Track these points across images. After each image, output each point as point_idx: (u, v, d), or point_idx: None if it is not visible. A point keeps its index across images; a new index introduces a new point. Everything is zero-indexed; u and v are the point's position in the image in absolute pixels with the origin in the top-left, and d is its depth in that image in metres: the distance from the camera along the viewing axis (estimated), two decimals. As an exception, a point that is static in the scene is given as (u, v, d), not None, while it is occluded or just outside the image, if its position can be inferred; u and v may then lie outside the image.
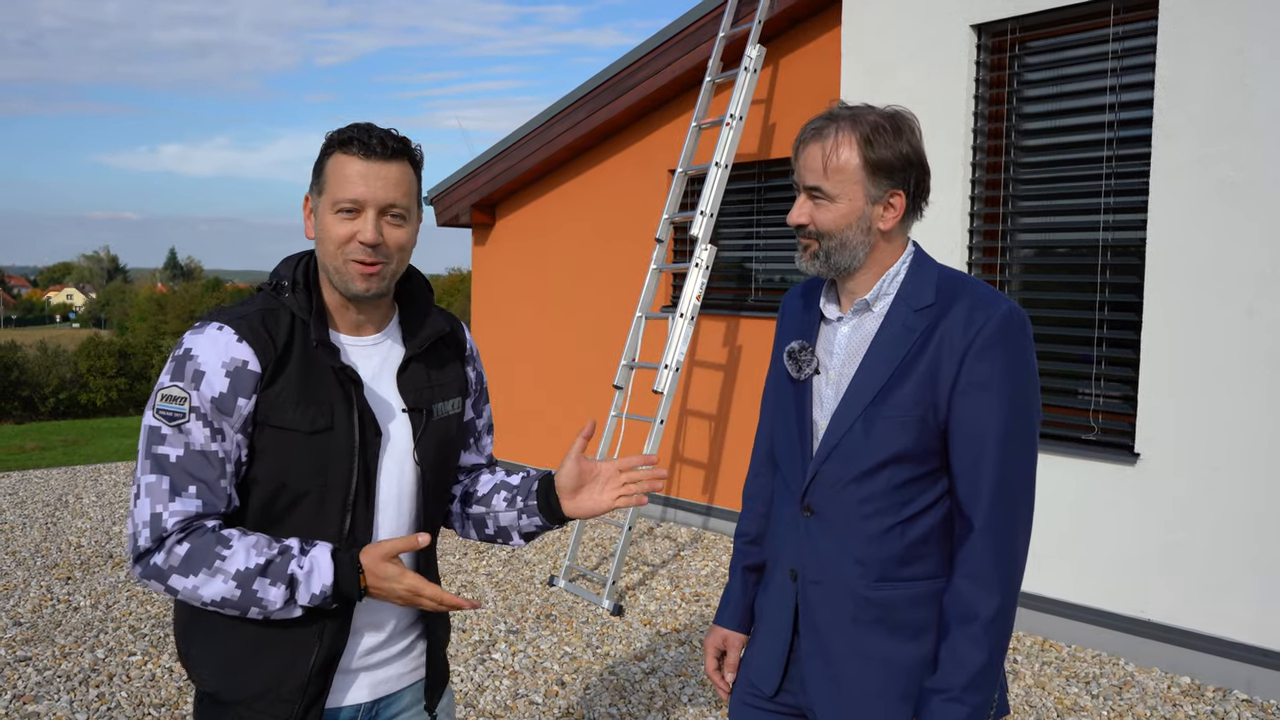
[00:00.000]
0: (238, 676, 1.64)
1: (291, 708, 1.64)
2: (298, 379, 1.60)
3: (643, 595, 5.30)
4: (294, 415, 1.59)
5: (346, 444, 1.62)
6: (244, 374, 1.57)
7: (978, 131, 4.87)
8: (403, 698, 1.80)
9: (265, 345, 1.59)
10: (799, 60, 6.11)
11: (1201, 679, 4.17)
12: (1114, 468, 4.42)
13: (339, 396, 1.63)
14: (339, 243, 1.60)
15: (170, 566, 1.56)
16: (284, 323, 1.62)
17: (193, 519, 1.57)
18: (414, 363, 1.74)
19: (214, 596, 1.55)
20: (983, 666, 1.63)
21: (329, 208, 1.61)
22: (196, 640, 1.68)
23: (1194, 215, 4.17)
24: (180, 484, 1.56)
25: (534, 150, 7.51)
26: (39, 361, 43.15)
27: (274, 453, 1.60)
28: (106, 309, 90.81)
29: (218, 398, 1.56)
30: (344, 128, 1.65)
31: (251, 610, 1.57)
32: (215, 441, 1.57)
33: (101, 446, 15.27)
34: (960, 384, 1.67)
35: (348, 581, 1.57)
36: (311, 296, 1.65)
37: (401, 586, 1.56)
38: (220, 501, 1.59)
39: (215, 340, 1.58)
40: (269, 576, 1.55)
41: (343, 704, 1.72)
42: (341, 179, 1.59)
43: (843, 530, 1.74)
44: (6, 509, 6.93)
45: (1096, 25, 4.52)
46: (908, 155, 1.70)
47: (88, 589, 5.19)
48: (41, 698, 3.87)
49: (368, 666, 1.74)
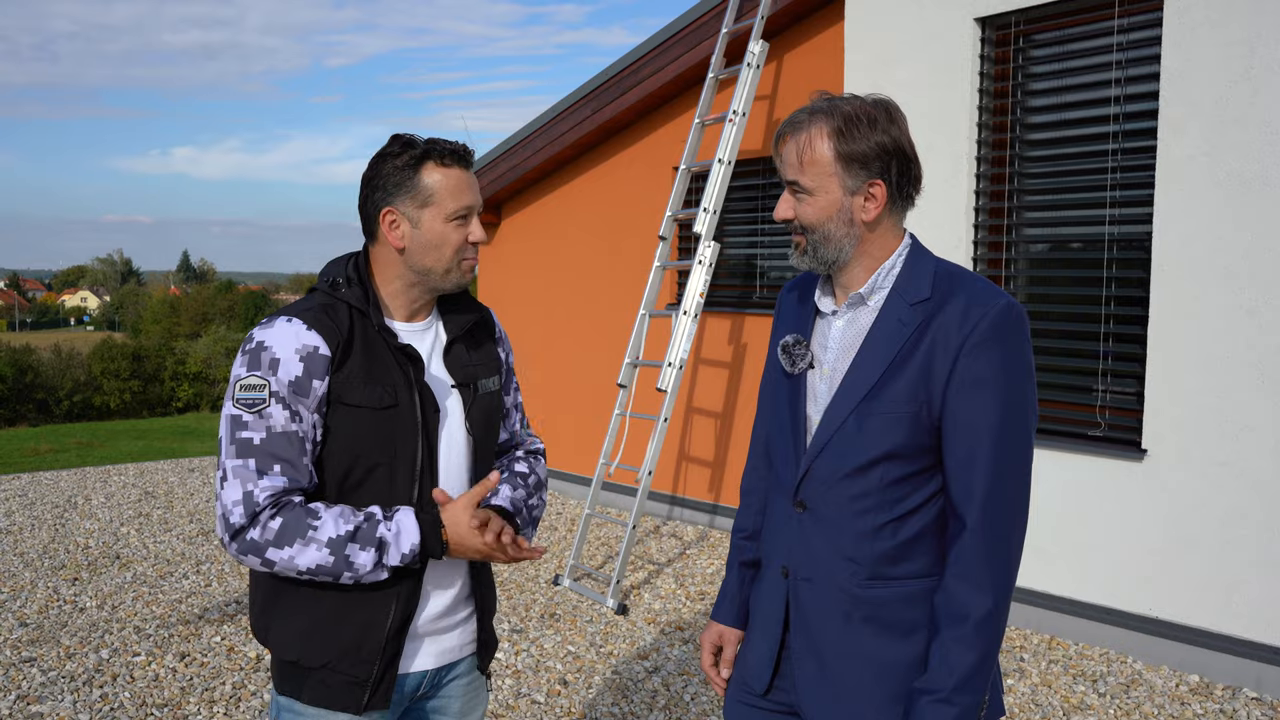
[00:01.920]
0: (319, 642, 1.78)
1: (370, 668, 1.79)
2: (363, 362, 1.77)
3: (647, 594, 5.28)
4: (363, 394, 1.75)
5: (411, 419, 1.78)
6: (316, 358, 1.73)
7: (982, 125, 4.84)
8: (459, 666, 1.96)
9: (332, 332, 1.75)
10: (802, 56, 6.08)
11: (1210, 677, 4.13)
12: (1121, 464, 4.37)
13: (400, 378, 1.79)
14: (457, 246, 1.81)
15: (266, 540, 1.69)
16: (343, 314, 1.78)
17: (280, 494, 1.71)
18: (456, 344, 1.92)
19: (309, 564, 1.69)
20: (973, 667, 1.61)
21: (440, 218, 1.79)
22: (278, 615, 1.81)
23: (1201, 208, 4.12)
24: (265, 464, 1.70)
25: (539, 149, 7.50)
26: (53, 364, 43.39)
27: (348, 430, 1.75)
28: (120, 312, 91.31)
29: (294, 381, 1.71)
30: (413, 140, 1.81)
31: (344, 575, 1.70)
32: (294, 423, 1.72)
33: (115, 449, 15.35)
34: (955, 380, 1.64)
35: (432, 538, 1.72)
36: (367, 289, 1.81)
37: (479, 540, 1.72)
38: (303, 478, 1.73)
39: (286, 331, 1.74)
40: (359, 541, 1.69)
41: (411, 670, 1.87)
42: (451, 190, 1.79)
43: (835, 527, 1.71)
44: (16, 510, 6.96)
45: (1101, 17, 4.48)
46: (884, 145, 1.67)
47: (94, 590, 5.20)
48: (45, 698, 3.88)
49: (433, 632, 1.89)
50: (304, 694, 1.81)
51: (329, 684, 1.79)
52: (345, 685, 1.79)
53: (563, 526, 6.69)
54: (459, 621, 1.94)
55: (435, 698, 1.96)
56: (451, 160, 1.80)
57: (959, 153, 4.84)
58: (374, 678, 1.79)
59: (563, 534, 6.49)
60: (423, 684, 1.91)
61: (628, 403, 5.68)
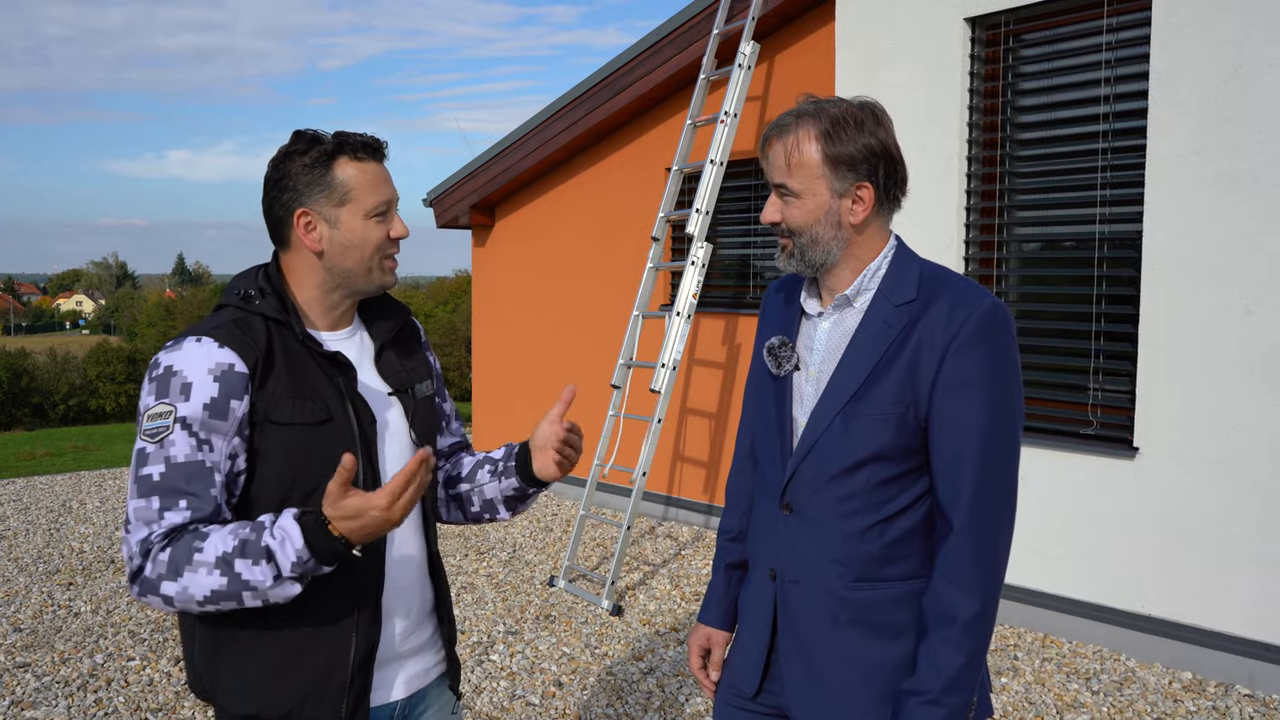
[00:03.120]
0: (278, 689, 1.64)
1: (338, 708, 1.64)
2: (288, 376, 1.63)
3: (642, 595, 5.29)
4: (292, 410, 1.62)
5: (347, 433, 1.66)
6: (232, 376, 1.59)
7: (973, 125, 4.85)
8: (427, 695, 1.86)
9: (247, 347, 1.61)
10: (793, 57, 6.09)
11: (1203, 674, 4.14)
12: (1113, 462, 4.39)
13: (330, 390, 1.67)
14: (377, 244, 1.70)
15: (159, 575, 1.54)
16: (258, 328, 1.65)
17: (178, 529, 1.56)
18: (387, 349, 1.82)
19: (204, 592, 1.53)
20: (961, 669, 1.61)
21: (360, 214, 1.68)
22: (226, 664, 1.66)
23: (1190, 207, 4.14)
24: (168, 500, 1.56)
25: (532, 150, 7.50)
26: (49, 368, 43.32)
27: (280, 451, 1.62)
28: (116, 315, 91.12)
29: (209, 404, 1.57)
30: (330, 137, 1.69)
31: (245, 596, 1.53)
32: (201, 451, 1.57)
33: (111, 452, 15.30)
34: (941, 382, 1.64)
35: (317, 536, 1.51)
36: (283, 298, 1.69)
37: (373, 509, 1.49)
38: (208, 509, 1.58)
39: (195, 351, 1.60)
40: (248, 556, 1.51)
41: (381, 702, 1.75)
42: (369, 185, 1.68)
43: (821, 529, 1.72)
44: (10, 515, 6.95)
45: (1090, 17, 4.49)
46: (871, 147, 1.68)
47: (89, 594, 5.20)
48: (40, 703, 3.87)
49: (401, 656, 1.77)
50: None
51: None
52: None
53: (558, 527, 6.70)
54: (426, 641, 1.84)
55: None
56: (365, 154, 1.68)
57: (950, 152, 4.85)
58: (344, 717, 1.65)
59: (558, 535, 6.49)
60: (394, 716, 1.79)
61: (622, 404, 5.68)
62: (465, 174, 8.09)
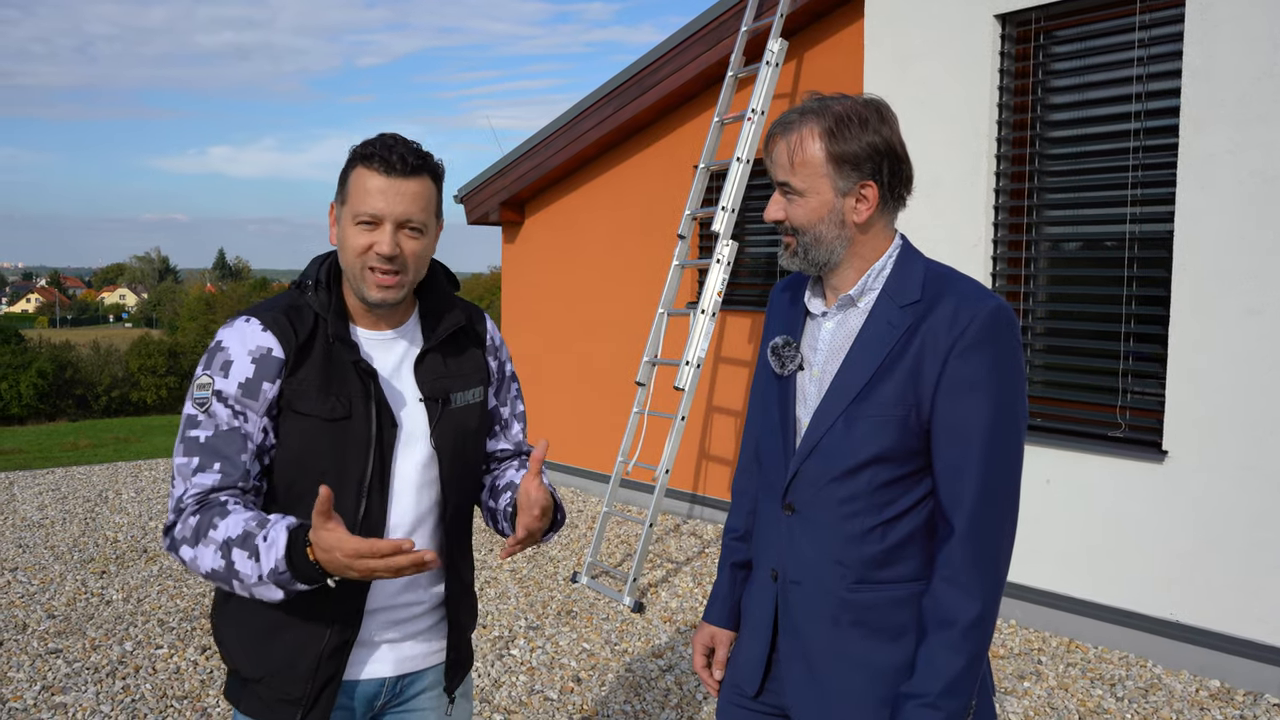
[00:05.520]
0: (256, 654, 1.74)
1: (305, 686, 1.72)
2: (320, 370, 1.70)
3: (664, 592, 5.29)
4: (315, 403, 1.68)
5: (364, 433, 1.70)
6: (269, 360, 1.68)
7: (1002, 123, 4.79)
8: (425, 677, 1.86)
9: (288, 334, 1.69)
10: (822, 54, 6.06)
11: (1231, 682, 4.07)
12: (1142, 465, 4.32)
13: (358, 389, 1.71)
14: (357, 252, 1.70)
15: (183, 537, 1.64)
16: (307, 318, 1.73)
17: (208, 492, 1.65)
18: (431, 354, 1.81)
19: (208, 568, 1.60)
20: (960, 672, 1.60)
21: (350, 218, 1.70)
22: (224, 618, 1.78)
23: (1223, 207, 4.06)
24: (205, 462, 1.65)
25: (561, 148, 7.53)
26: (92, 360, 44.14)
27: (295, 438, 1.69)
28: (157, 309, 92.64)
29: (245, 383, 1.67)
30: (369, 141, 1.72)
31: (235, 584, 1.59)
32: (237, 420, 1.67)
33: (150, 444, 15.59)
34: (944, 384, 1.63)
35: (298, 553, 1.53)
36: (331, 295, 1.75)
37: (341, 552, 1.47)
38: (237, 474, 1.66)
39: (242, 331, 1.70)
40: (245, 549, 1.56)
41: (363, 677, 1.78)
42: (362, 193, 1.68)
43: (823, 530, 1.71)
44: (49, 504, 7.10)
45: (1122, 13, 4.42)
46: (876, 145, 1.66)
47: (120, 583, 5.30)
48: (69, 689, 3.96)
49: (390, 641, 1.80)
50: (242, 704, 1.77)
51: (262, 698, 1.74)
52: (277, 702, 1.73)
53: (581, 524, 6.72)
54: (424, 630, 1.84)
55: (404, 711, 1.86)
56: (379, 164, 1.67)
57: (979, 150, 4.80)
58: (307, 696, 1.71)
59: (582, 531, 6.51)
60: (381, 692, 1.81)
61: (646, 401, 5.68)
62: (495, 171, 8.13)
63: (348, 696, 1.79)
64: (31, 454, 13.93)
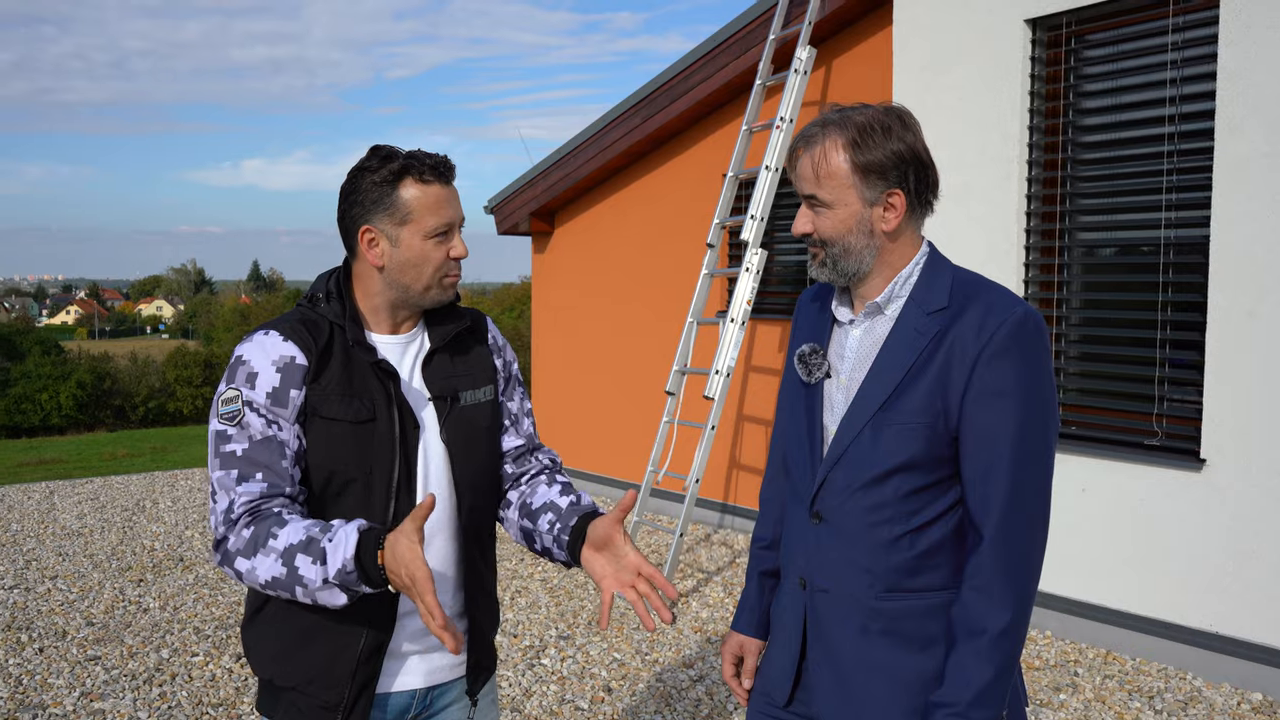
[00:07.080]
0: (291, 662, 1.75)
1: (342, 692, 1.74)
2: (341, 375, 1.74)
3: (695, 602, 5.28)
4: (340, 407, 1.72)
5: (389, 434, 1.74)
6: (293, 368, 1.72)
7: (1034, 129, 4.75)
8: (453, 689, 1.88)
9: (308, 343, 1.73)
10: (851, 62, 6.04)
11: (1274, 695, 3.99)
12: (1179, 474, 4.25)
13: (379, 391, 1.76)
14: (438, 265, 1.77)
15: (237, 550, 1.66)
16: (322, 329, 1.77)
17: (258, 500, 1.67)
18: (439, 354, 1.86)
19: (267, 576, 1.62)
20: (989, 682, 1.58)
21: (419, 235, 1.75)
22: (255, 630, 1.80)
23: (1261, 211, 4.00)
24: (247, 473, 1.68)
25: (590, 157, 7.56)
26: (130, 371, 44.82)
27: (324, 443, 1.72)
28: (193, 320, 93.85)
29: (272, 392, 1.70)
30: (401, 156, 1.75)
31: (297, 591, 1.61)
32: (272, 429, 1.69)
33: (187, 453, 15.81)
34: (972, 391, 1.62)
35: (368, 554, 1.56)
36: (345, 304, 1.79)
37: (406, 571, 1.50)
38: (284, 481, 1.69)
39: (263, 344, 1.73)
40: (310, 554, 1.59)
41: (394, 689, 1.80)
42: (430, 207, 1.74)
43: (851, 538, 1.70)
44: (88, 513, 7.21)
45: (1155, 16, 4.38)
46: (900, 153, 1.65)
47: (158, 591, 5.37)
48: (107, 695, 4.01)
49: (419, 651, 1.82)
50: (277, 714, 1.79)
51: (300, 706, 1.76)
52: (316, 709, 1.74)
53: (613, 533, 6.72)
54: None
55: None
56: (431, 175, 1.74)
57: (1010, 156, 4.77)
58: (345, 702, 1.74)
59: (613, 541, 6.51)
60: (413, 705, 1.84)
61: (676, 410, 5.68)
62: (524, 181, 8.18)
63: (380, 710, 1.80)
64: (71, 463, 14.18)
